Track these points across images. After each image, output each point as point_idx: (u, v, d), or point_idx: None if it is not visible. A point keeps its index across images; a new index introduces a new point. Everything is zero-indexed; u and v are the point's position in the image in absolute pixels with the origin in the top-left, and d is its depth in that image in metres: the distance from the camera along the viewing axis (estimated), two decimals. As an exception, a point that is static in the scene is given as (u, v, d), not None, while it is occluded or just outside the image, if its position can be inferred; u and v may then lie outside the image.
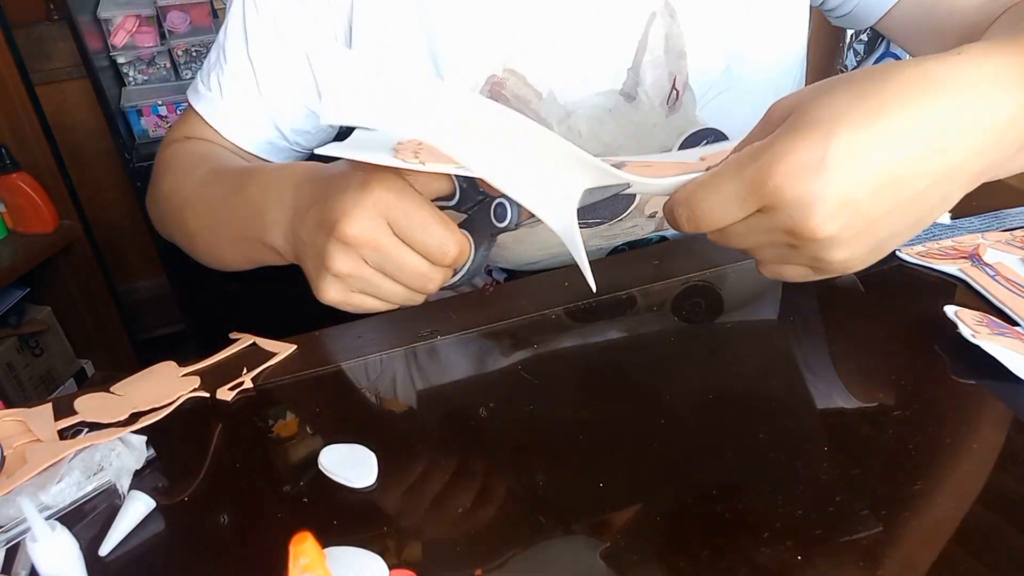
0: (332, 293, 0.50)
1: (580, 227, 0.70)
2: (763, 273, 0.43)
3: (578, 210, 0.57)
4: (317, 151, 0.49)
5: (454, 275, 0.51)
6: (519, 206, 0.49)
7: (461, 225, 0.50)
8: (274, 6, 0.67)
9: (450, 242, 0.47)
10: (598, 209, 0.70)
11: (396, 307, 0.52)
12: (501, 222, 0.50)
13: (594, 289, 0.46)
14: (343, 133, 0.77)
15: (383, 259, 0.48)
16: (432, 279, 0.49)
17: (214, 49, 0.72)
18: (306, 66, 0.69)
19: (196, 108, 0.71)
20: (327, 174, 0.52)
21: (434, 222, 0.47)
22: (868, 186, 0.35)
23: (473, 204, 0.51)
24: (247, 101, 0.70)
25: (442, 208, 0.51)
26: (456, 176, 0.51)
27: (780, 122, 0.38)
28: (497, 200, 0.50)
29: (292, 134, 0.72)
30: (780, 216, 0.36)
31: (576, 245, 0.45)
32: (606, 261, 0.73)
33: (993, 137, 0.36)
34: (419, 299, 0.51)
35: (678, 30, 0.65)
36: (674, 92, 0.67)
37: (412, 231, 0.47)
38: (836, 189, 0.35)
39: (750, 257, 0.43)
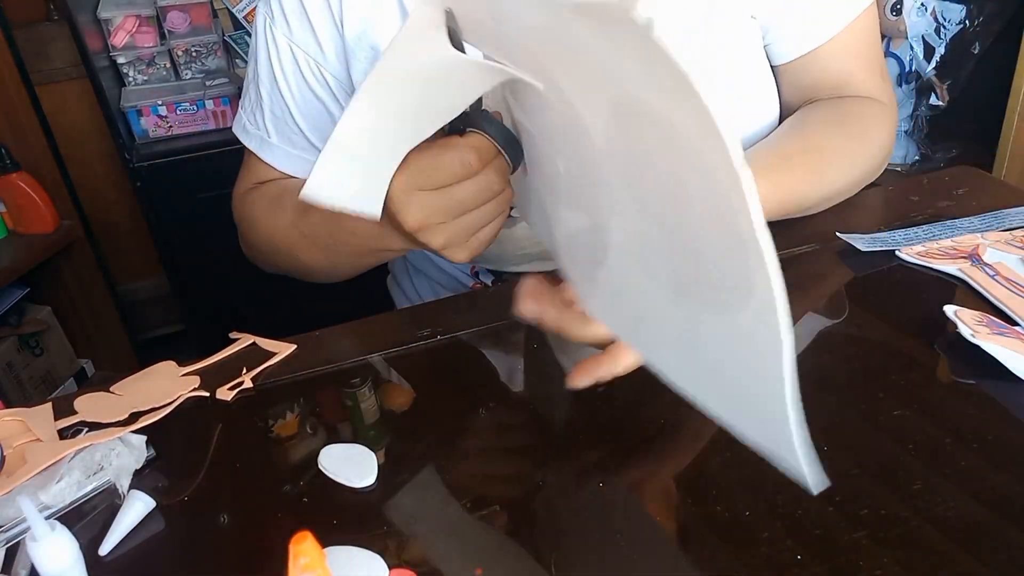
0: (460, 254, 0.52)
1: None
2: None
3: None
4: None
5: (507, 157, 0.50)
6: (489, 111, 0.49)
7: (459, 126, 0.50)
8: (288, 36, 0.69)
9: (466, 150, 0.48)
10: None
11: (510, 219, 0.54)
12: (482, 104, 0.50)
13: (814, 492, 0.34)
14: None
15: (448, 210, 0.49)
16: (495, 181, 0.49)
17: (251, 86, 0.74)
18: (324, 90, 0.71)
19: (257, 153, 0.75)
20: None
21: (439, 153, 0.48)
22: None
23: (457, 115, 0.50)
24: (295, 139, 0.73)
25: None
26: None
27: None
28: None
29: None
30: None
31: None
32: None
33: None
34: (509, 201, 0.52)
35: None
36: None
37: (438, 176, 0.48)
38: None
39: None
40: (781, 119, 0.75)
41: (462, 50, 0.43)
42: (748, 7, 0.69)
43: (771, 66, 0.75)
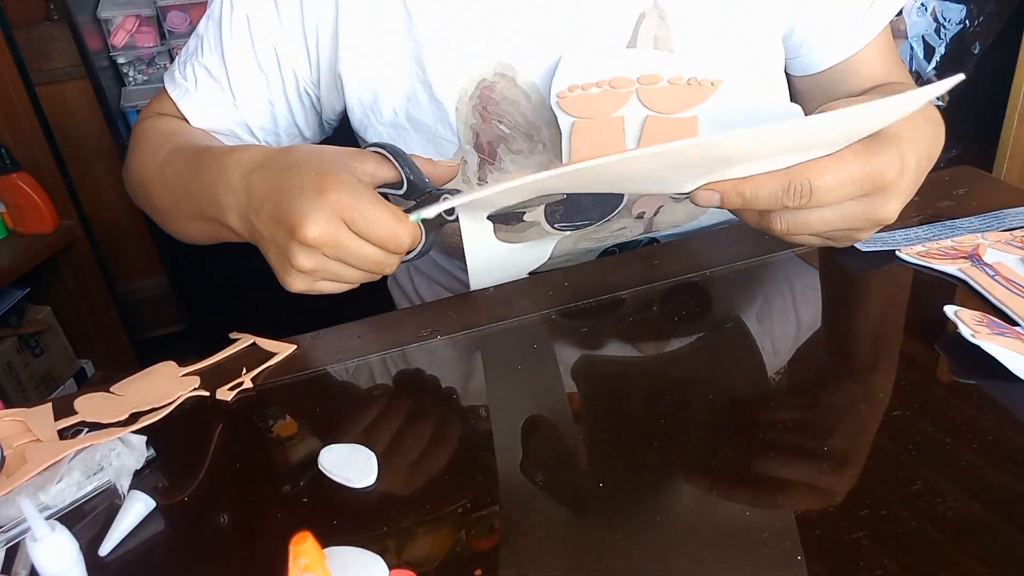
0: (298, 284, 0.55)
1: (568, 230, 0.71)
2: (840, 244, 0.56)
3: (566, 212, 0.59)
4: None
5: (408, 255, 0.55)
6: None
7: (409, 211, 0.54)
8: (249, 3, 0.68)
9: (403, 233, 0.52)
10: (587, 210, 0.70)
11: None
12: (449, 215, 0.56)
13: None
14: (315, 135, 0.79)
15: (343, 253, 0.52)
16: (388, 264, 0.54)
17: (194, 37, 0.73)
18: (275, 66, 0.69)
19: (171, 95, 0.73)
20: (278, 165, 0.55)
21: (387, 217, 0.51)
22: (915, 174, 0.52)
23: (421, 194, 0.56)
24: (219, 98, 0.71)
25: (390, 196, 0.56)
26: (401, 167, 0.56)
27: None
28: (444, 192, 0.55)
29: (261, 132, 0.74)
30: (876, 200, 0.50)
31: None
32: (606, 261, 0.73)
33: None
34: (376, 277, 0.56)
35: (667, 31, 0.65)
36: None
37: (367, 228, 0.51)
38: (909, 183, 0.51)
39: (747, 259, 0.44)
40: None
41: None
42: (779, 22, 0.69)
43: (797, 78, 0.75)
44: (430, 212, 0.54)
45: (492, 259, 0.64)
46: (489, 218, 0.61)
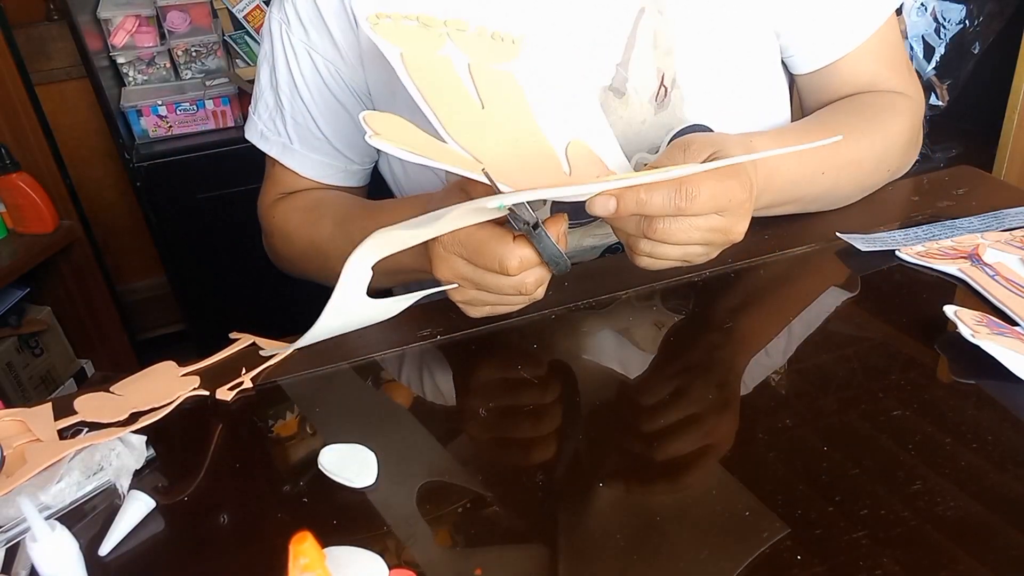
0: (472, 312, 0.57)
1: (572, 226, 0.70)
2: (694, 262, 0.55)
3: (570, 208, 0.58)
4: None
5: (553, 267, 0.53)
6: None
7: (521, 223, 0.51)
8: (306, 41, 0.69)
9: (505, 252, 0.50)
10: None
11: (527, 303, 0.57)
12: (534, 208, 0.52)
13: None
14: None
15: (473, 282, 0.53)
16: (523, 283, 0.52)
17: (266, 90, 0.74)
18: (346, 89, 0.72)
19: (280, 160, 0.75)
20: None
21: (484, 240, 0.51)
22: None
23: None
24: (317, 144, 0.74)
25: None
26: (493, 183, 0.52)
27: (700, 154, 0.52)
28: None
29: (359, 157, 0.76)
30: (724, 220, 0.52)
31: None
32: (605, 261, 0.73)
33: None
34: (535, 298, 0.55)
35: (667, 26, 0.65)
36: (662, 89, 0.67)
37: (476, 258, 0.52)
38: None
39: (747, 259, 0.44)
40: None
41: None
42: (771, 22, 0.69)
43: (794, 75, 0.75)
44: (512, 200, 0.49)
45: (351, 309, 0.58)
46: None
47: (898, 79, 0.72)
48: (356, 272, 0.53)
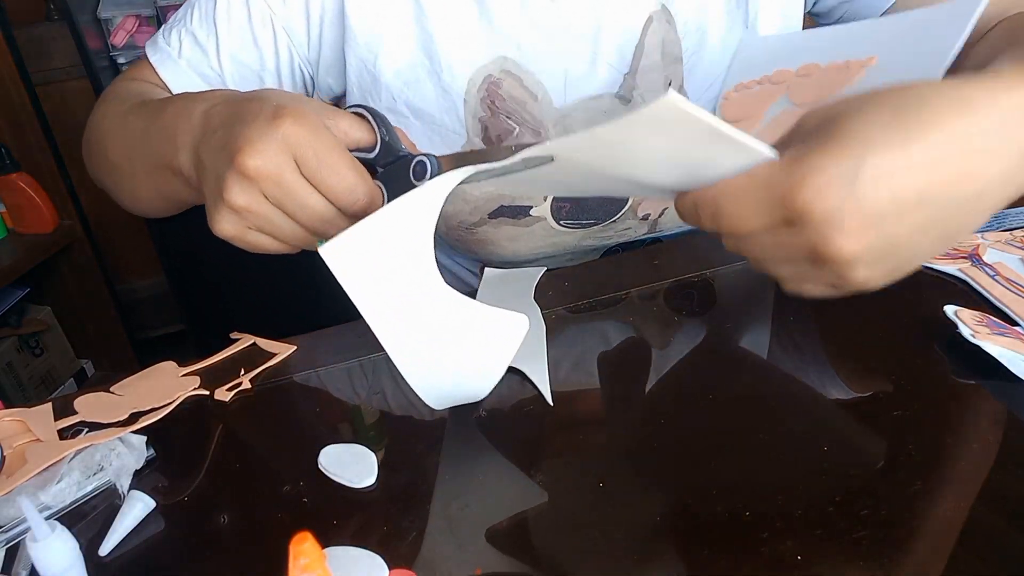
0: (226, 226, 0.47)
1: (574, 227, 0.70)
2: (786, 289, 0.41)
3: (573, 210, 0.57)
4: None
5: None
6: (440, 165, 0.47)
7: (376, 177, 0.48)
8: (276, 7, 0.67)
9: (360, 189, 0.45)
10: (592, 209, 0.70)
11: (294, 251, 0.49)
12: (419, 180, 0.48)
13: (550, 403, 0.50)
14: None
15: (284, 196, 0.45)
16: (334, 224, 0.46)
17: (185, 5, 0.69)
18: (271, 40, 0.67)
19: (150, 60, 0.69)
20: (241, 97, 0.49)
21: (346, 167, 0.44)
22: (896, 208, 0.34)
23: (392, 159, 0.50)
24: (202, 68, 0.68)
25: (359, 159, 0.48)
26: (378, 127, 0.50)
27: (811, 132, 0.36)
28: (418, 158, 0.48)
29: None
30: (806, 232, 0.35)
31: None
32: (607, 261, 0.73)
33: (1022, 162, 0.35)
34: (314, 245, 0.47)
35: (675, 35, 0.65)
36: None
37: (320, 172, 0.44)
38: (864, 209, 0.34)
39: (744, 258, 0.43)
40: None
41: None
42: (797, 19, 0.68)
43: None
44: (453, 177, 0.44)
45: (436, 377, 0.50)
46: (495, 214, 0.58)
47: None
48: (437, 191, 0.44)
